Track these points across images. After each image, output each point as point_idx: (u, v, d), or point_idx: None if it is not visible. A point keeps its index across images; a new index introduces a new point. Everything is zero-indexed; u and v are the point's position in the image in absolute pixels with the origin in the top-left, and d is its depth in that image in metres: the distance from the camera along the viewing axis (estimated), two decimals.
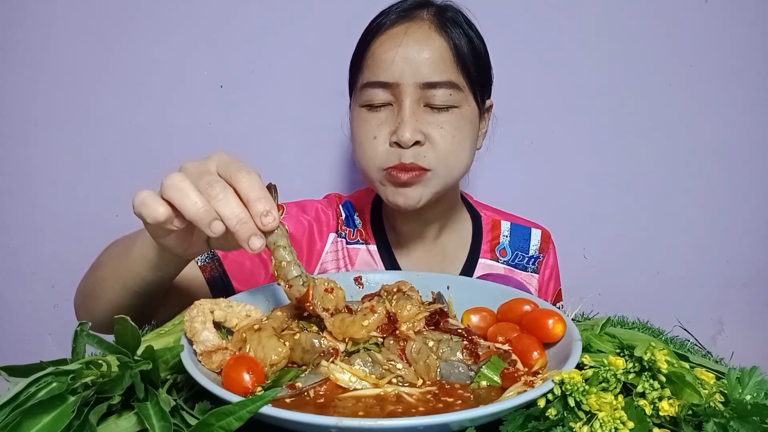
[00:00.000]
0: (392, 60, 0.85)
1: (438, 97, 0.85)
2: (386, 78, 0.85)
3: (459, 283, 0.74)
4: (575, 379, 0.47)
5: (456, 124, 0.87)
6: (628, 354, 0.54)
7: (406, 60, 0.84)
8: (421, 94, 0.85)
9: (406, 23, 0.87)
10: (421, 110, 0.86)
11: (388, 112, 0.87)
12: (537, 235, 1.08)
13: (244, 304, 0.63)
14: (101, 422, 0.49)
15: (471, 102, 0.90)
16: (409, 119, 0.84)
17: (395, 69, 0.84)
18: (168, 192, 0.56)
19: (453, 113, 0.87)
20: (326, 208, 1.02)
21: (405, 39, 0.85)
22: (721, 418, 0.46)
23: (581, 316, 0.76)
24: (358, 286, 0.76)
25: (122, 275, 0.73)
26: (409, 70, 0.84)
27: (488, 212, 1.09)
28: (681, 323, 0.84)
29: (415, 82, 0.84)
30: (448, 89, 0.85)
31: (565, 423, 0.46)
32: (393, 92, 0.86)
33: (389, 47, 0.86)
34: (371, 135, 0.87)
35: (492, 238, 1.05)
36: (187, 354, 0.54)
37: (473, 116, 0.90)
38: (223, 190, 0.57)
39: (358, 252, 1.01)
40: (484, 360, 0.57)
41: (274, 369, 0.55)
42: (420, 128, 0.85)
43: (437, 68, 0.84)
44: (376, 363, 0.56)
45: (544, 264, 1.08)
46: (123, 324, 0.52)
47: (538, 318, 0.62)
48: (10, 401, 0.46)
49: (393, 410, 0.50)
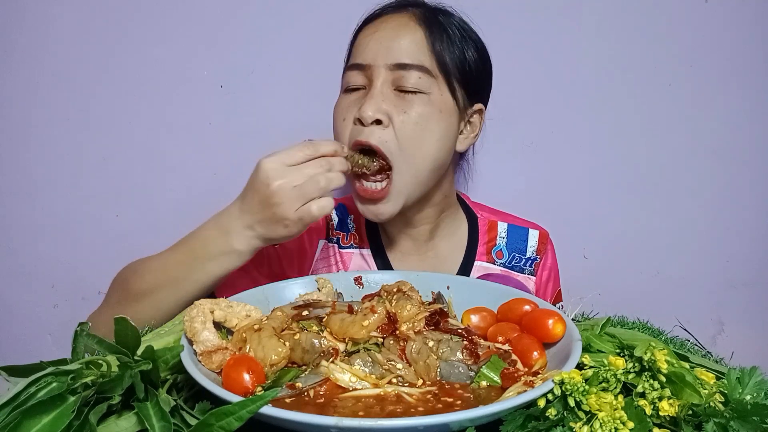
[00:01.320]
0: (368, 43, 0.88)
1: (407, 79, 0.85)
2: (361, 60, 0.88)
3: (459, 283, 0.74)
4: (575, 379, 0.46)
5: (421, 109, 0.86)
6: (628, 354, 0.54)
7: (380, 43, 0.87)
8: (392, 76, 0.86)
9: (389, 15, 0.90)
10: (390, 92, 0.86)
11: (360, 95, 0.88)
12: (535, 236, 1.07)
13: (244, 304, 0.63)
14: (101, 422, 0.49)
15: (444, 92, 0.88)
16: (374, 97, 0.85)
17: (369, 51, 0.87)
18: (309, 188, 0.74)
19: (420, 98, 0.86)
20: None
21: (383, 25, 0.88)
22: (721, 418, 0.46)
23: (581, 316, 0.76)
24: (358, 286, 0.76)
25: (189, 293, 0.79)
26: (382, 52, 0.86)
27: (485, 213, 1.08)
28: (681, 323, 0.84)
29: (386, 63, 0.86)
30: (419, 72, 0.85)
31: (565, 423, 0.46)
32: (366, 74, 0.88)
33: (367, 33, 0.89)
34: (341, 117, 0.89)
35: (488, 239, 1.05)
36: (187, 354, 0.54)
37: (444, 107, 0.88)
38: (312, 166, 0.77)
39: (352, 256, 1.01)
40: (484, 360, 0.57)
41: (274, 369, 0.55)
42: (384, 108, 0.85)
43: (409, 51, 0.86)
44: (376, 363, 0.56)
45: (541, 266, 1.07)
46: (123, 324, 0.52)
47: (538, 318, 0.62)
48: (10, 401, 0.47)
49: (393, 410, 0.50)
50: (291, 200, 0.73)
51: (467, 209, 1.08)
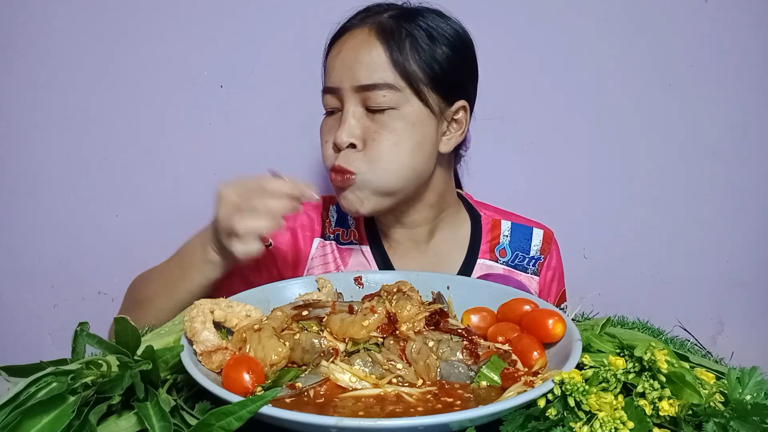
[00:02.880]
0: (334, 66, 0.90)
1: (373, 99, 0.86)
2: (330, 83, 0.90)
3: (459, 283, 0.74)
4: (575, 379, 0.46)
5: (392, 126, 0.87)
6: (628, 354, 0.54)
7: (343, 65, 0.88)
8: (360, 97, 0.87)
9: (352, 30, 0.91)
10: (362, 113, 0.88)
11: (337, 116, 0.90)
12: (539, 236, 1.06)
13: (244, 304, 0.63)
14: (101, 422, 0.49)
15: (414, 103, 0.88)
16: (346, 122, 0.87)
17: (336, 74, 0.89)
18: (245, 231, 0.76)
19: (390, 115, 0.87)
20: (311, 211, 1.03)
21: (344, 46, 0.90)
22: (721, 418, 0.46)
23: (581, 316, 0.76)
24: (358, 286, 0.76)
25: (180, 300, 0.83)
26: (347, 74, 0.87)
27: (488, 212, 1.08)
28: (681, 323, 0.84)
29: (351, 86, 0.87)
30: (382, 90, 0.86)
31: (565, 423, 0.46)
32: (338, 97, 0.89)
33: (333, 54, 0.91)
34: (324, 140, 0.92)
35: (492, 238, 1.04)
36: (187, 354, 0.54)
37: (416, 118, 0.88)
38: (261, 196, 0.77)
39: (352, 252, 1.01)
40: (484, 360, 0.57)
41: (274, 369, 0.55)
42: (357, 132, 0.87)
43: (370, 71, 0.86)
44: (376, 363, 0.56)
45: (545, 265, 1.06)
46: (123, 324, 0.52)
47: (538, 318, 0.62)
48: (10, 401, 0.47)
49: (393, 410, 0.50)
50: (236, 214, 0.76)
51: (470, 208, 1.08)
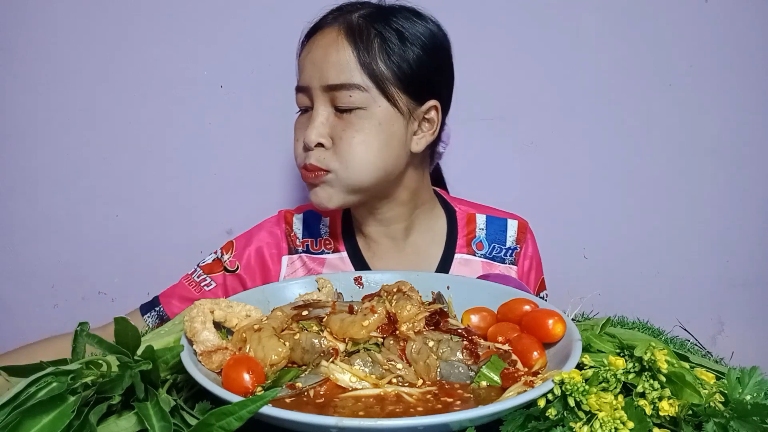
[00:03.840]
0: (305, 65, 0.91)
1: (340, 99, 0.87)
2: (301, 83, 0.91)
3: (459, 283, 0.74)
4: (575, 379, 0.47)
5: (359, 125, 0.88)
6: (628, 354, 0.54)
7: (313, 65, 0.89)
8: (329, 97, 0.88)
9: (322, 29, 0.91)
10: (330, 113, 0.89)
11: (308, 115, 0.91)
12: (513, 226, 1.07)
13: (244, 304, 0.63)
14: (101, 422, 0.49)
15: (381, 103, 0.88)
16: (314, 122, 0.88)
17: (306, 73, 0.90)
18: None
19: (357, 114, 0.88)
20: (274, 228, 1.03)
21: (314, 45, 0.90)
22: (721, 418, 0.46)
23: (581, 316, 0.76)
24: (358, 286, 0.76)
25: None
26: (316, 74, 0.88)
27: (463, 207, 1.09)
28: (681, 323, 0.84)
29: (320, 85, 0.88)
30: (349, 91, 0.87)
31: (565, 423, 0.46)
32: (308, 96, 0.90)
33: (304, 54, 0.92)
34: (296, 138, 0.93)
35: (468, 232, 1.05)
36: (187, 354, 0.54)
37: (384, 118, 0.89)
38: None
39: (325, 261, 1.01)
40: (484, 360, 0.57)
41: (274, 369, 0.55)
42: (325, 131, 0.88)
43: (337, 71, 0.87)
44: (376, 363, 0.56)
45: (522, 255, 1.07)
46: (123, 324, 0.52)
47: (538, 318, 0.62)
48: (10, 401, 0.47)
49: (393, 410, 0.50)
50: None
51: (445, 204, 1.08)
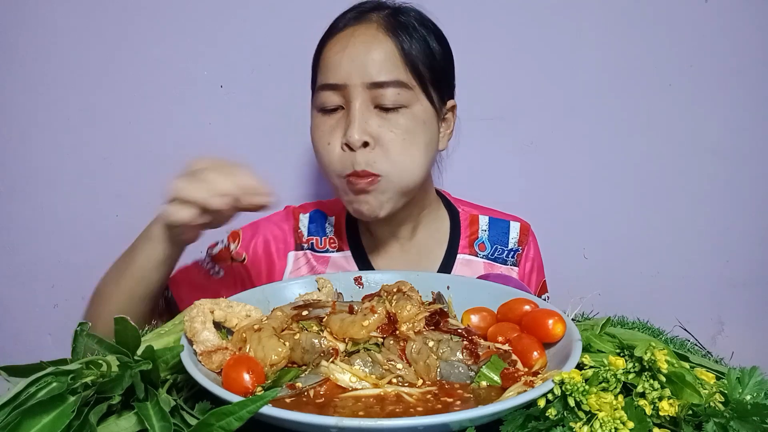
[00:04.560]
0: (340, 62, 0.86)
1: (386, 97, 0.85)
2: (335, 80, 0.86)
3: (459, 283, 0.74)
4: (575, 379, 0.46)
5: (407, 125, 0.86)
6: (628, 354, 0.54)
7: (352, 61, 0.85)
8: (370, 95, 0.85)
9: (354, 26, 0.88)
10: (371, 112, 0.86)
11: (339, 116, 0.88)
12: (516, 228, 1.07)
13: (244, 304, 0.63)
14: (101, 422, 0.48)
15: (423, 102, 0.88)
16: (357, 120, 0.84)
17: (342, 70, 0.85)
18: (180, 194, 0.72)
19: (403, 113, 0.86)
20: (282, 222, 1.02)
21: (352, 41, 0.86)
22: (721, 418, 0.46)
23: (581, 316, 0.76)
24: (358, 286, 0.76)
25: (127, 287, 0.82)
26: (356, 71, 0.84)
27: (466, 208, 1.09)
28: (681, 323, 0.84)
29: (362, 83, 0.84)
30: (396, 88, 0.85)
31: (565, 423, 0.46)
32: (343, 94, 0.86)
33: (337, 50, 0.87)
34: (326, 141, 0.88)
35: (470, 233, 1.05)
36: (187, 354, 0.54)
37: (426, 116, 0.89)
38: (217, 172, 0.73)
39: (329, 260, 1.01)
40: (484, 360, 0.57)
41: (274, 369, 0.55)
42: (369, 130, 0.85)
43: (384, 68, 0.84)
44: (376, 363, 0.56)
45: (524, 256, 1.07)
46: (123, 324, 0.52)
47: (538, 318, 0.62)
48: (10, 401, 0.47)
49: (393, 410, 0.50)
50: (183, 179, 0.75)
51: (448, 204, 1.09)
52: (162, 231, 0.78)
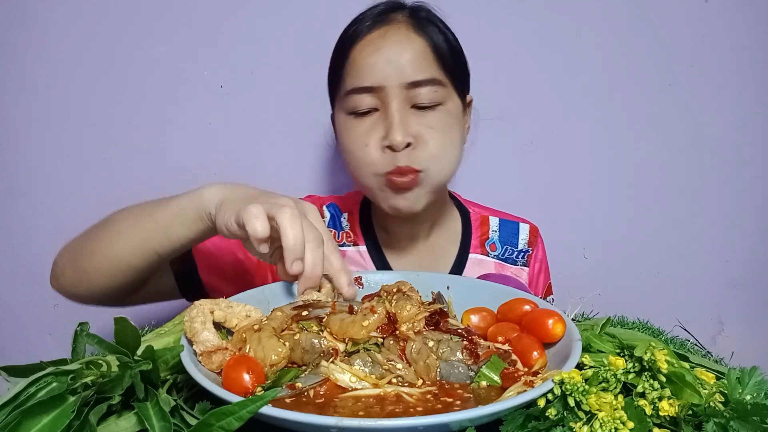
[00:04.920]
0: (375, 64, 0.85)
1: (424, 96, 0.85)
2: (371, 82, 0.86)
3: (459, 283, 0.74)
4: (575, 379, 0.46)
5: (444, 121, 0.87)
6: (628, 354, 0.54)
7: (388, 62, 0.85)
8: (407, 95, 0.85)
9: (384, 27, 0.88)
10: (408, 112, 0.86)
11: (375, 118, 0.87)
12: (525, 230, 1.08)
13: (244, 304, 0.63)
14: (101, 422, 0.49)
15: (455, 98, 0.90)
16: (399, 122, 0.84)
17: (378, 72, 0.85)
18: (280, 215, 0.61)
19: (439, 111, 0.87)
20: None
21: (385, 42, 0.86)
22: (721, 418, 0.46)
23: (581, 316, 0.76)
24: (358, 287, 0.76)
25: (147, 229, 0.76)
26: (393, 72, 0.85)
27: (476, 209, 1.10)
28: (681, 323, 0.84)
29: (399, 84, 0.85)
30: (433, 86, 0.86)
31: (565, 423, 0.46)
32: (378, 96, 0.86)
33: (370, 52, 0.86)
34: (362, 143, 0.87)
35: (481, 233, 1.06)
36: (187, 354, 0.54)
37: (458, 112, 0.91)
38: (317, 240, 0.63)
39: (345, 254, 1.01)
40: (484, 360, 0.57)
41: (274, 369, 0.55)
42: (409, 130, 0.85)
43: (420, 67, 0.85)
44: (376, 363, 0.56)
45: (533, 257, 1.08)
46: (123, 324, 0.52)
47: (538, 318, 0.62)
48: (10, 401, 0.47)
49: (392, 410, 0.50)
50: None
51: (459, 205, 1.10)
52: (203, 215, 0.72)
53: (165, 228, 0.75)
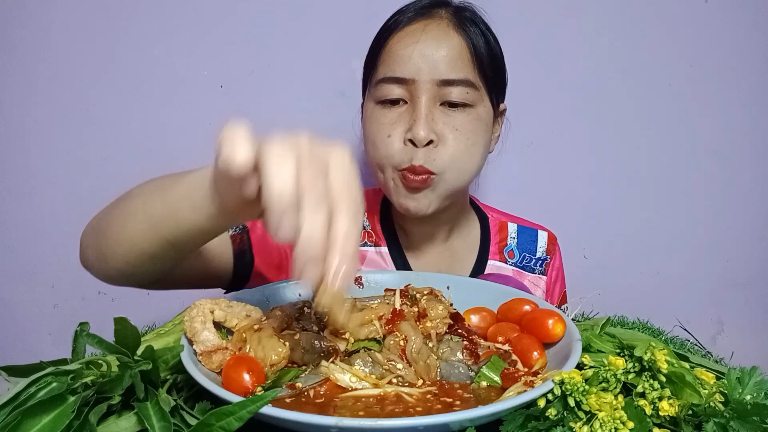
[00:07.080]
0: (409, 56, 0.84)
1: (455, 95, 0.84)
2: (402, 74, 0.85)
3: (459, 283, 0.74)
4: (575, 379, 0.46)
5: (471, 125, 0.86)
6: (628, 354, 0.54)
7: (423, 56, 0.84)
8: (438, 92, 0.84)
9: (424, 20, 0.87)
10: (437, 109, 0.85)
11: (402, 110, 0.86)
12: (544, 237, 1.08)
13: (244, 304, 0.63)
14: (101, 422, 0.48)
15: (486, 103, 0.88)
16: (425, 117, 0.83)
17: (412, 65, 0.84)
18: (266, 151, 0.46)
19: (468, 113, 0.86)
20: None
21: (423, 36, 0.85)
22: (721, 418, 0.46)
23: (581, 316, 0.76)
24: (358, 286, 0.76)
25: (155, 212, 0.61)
26: (426, 67, 0.83)
27: (495, 214, 1.09)
28: (681, 323, 0.84)
29: (431, 79, 0.84)
30: (465, 87, 0.84)
31: (565, 423, 0.46)
32: (409, 89, 0.85)
33: (407, 43, 0.85)
34: (385, 133, 0.86)
35: (500, 239, 1.05)
36: (187, 354, 0.54)
37: (488, 118, 0.89)
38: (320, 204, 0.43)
39: (366, 254, 0.99)
40: (484, 360, 0.57)
41: (274, 369, 0.55)
42: (434, 127, 0.84)
43: (455, 66, 0.84)
44: (376, 363, 0.56)
45: (551, 266, 1.08)
46: (123, 324, 0.52)
47: (538, 318, 0.62)
48: (10, 401, 0.46)
49: (392, 410, 0.50)
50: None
51: (478, 210, 1.09)
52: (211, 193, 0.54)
53: (174, 212, 0.59)
